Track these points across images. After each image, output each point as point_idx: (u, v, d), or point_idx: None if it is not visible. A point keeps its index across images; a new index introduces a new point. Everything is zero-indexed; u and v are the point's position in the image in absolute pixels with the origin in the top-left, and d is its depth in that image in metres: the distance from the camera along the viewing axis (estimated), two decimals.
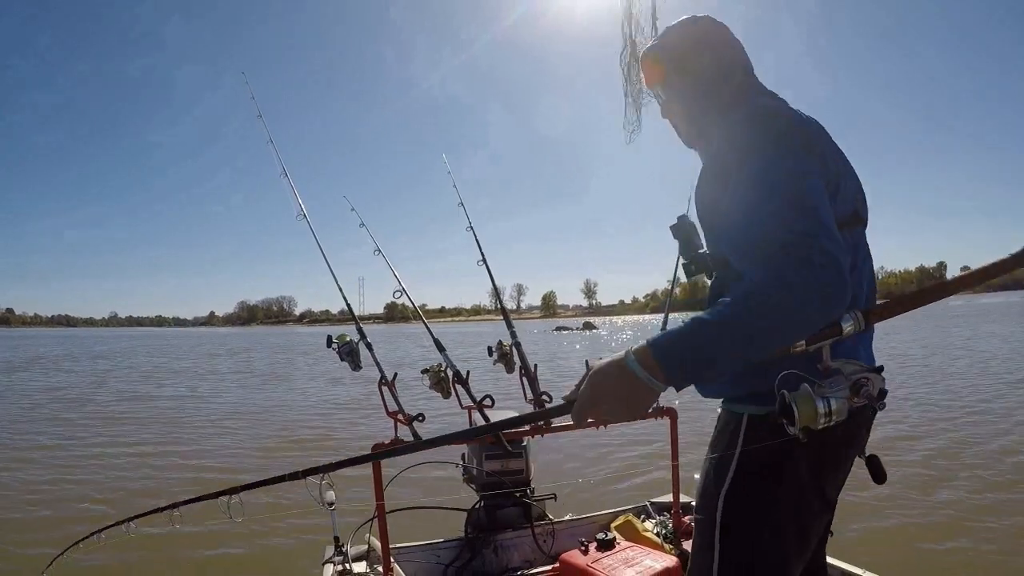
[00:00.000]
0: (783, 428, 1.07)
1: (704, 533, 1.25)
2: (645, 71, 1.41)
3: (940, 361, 15.45)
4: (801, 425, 0.98)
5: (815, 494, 1.23)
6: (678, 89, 1.35)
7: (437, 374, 2.54)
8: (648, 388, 0.95)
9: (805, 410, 0.98)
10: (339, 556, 2.52)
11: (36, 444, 8.05)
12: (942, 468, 6.06)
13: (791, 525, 1.21)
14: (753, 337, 0.95)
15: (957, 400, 9.70)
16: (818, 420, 0.98)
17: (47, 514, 5.10)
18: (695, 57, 1.32)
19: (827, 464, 1.23)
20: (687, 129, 1.38)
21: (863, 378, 1.01)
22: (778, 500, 1.19)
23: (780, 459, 1.18)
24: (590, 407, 1.00)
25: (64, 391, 14.54)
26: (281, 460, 6.88)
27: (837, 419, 0.98)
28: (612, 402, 0.98)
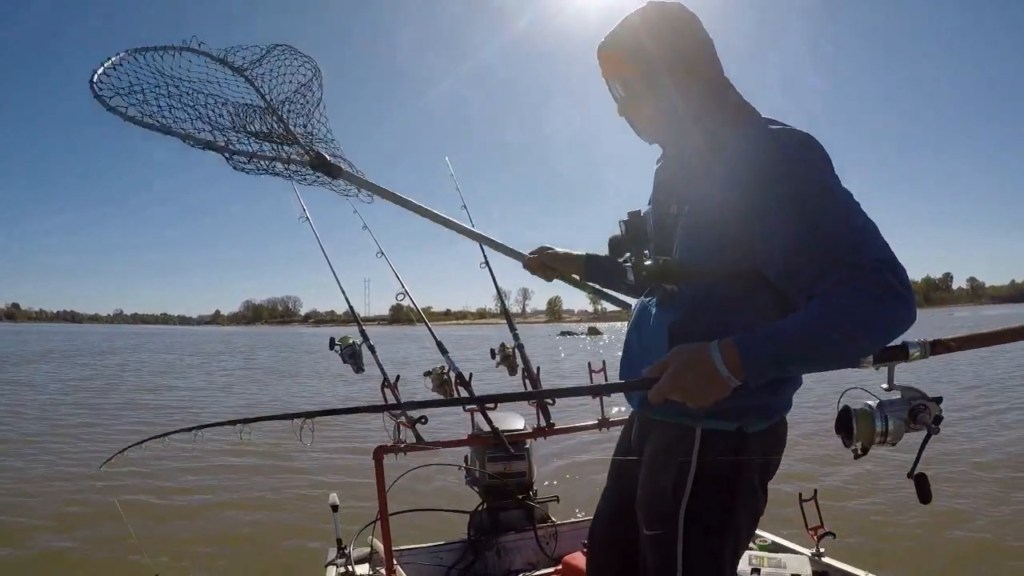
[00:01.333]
0: (741, 440, 1.20)
1: (662, 550, 1.25)
2: (607, 62, 1.31)
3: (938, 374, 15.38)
4: (857, 442, 1.04)
5: (763, 499, 1.28)
6: (671, 82, 1.23)
7: (440, 376, 2.55)
8: (725, 382, 1.02)
9: (864, 427, 1.03)
10: (342, 558, 2.52)
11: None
12: (943, 471, 6.03)
13: (746, 531, 1.27)
14: (830, 353, 1.02)
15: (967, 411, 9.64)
16: (875, 438, 1.03)
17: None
18: (665, 44, 1.23)
19: (771, 471, 1.29)
20: (672, 129, 1.29)
21: (921, 404, 1.03)
22: (736, 509, 1.23)
23: (736, 470, 1.21)
24: (669, 391, 1.04)
25: (87, 381, 14.64)
26: (283, 458, 6.89)
27: (892, 441, 1.03)
28: (692, 389, 1.03)
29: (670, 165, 1.34)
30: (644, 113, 1.31)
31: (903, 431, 1.03)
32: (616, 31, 1.28)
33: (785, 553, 2.34)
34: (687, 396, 1.04)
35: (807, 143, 1.10)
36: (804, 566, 2.20)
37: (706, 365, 1.02)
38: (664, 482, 1.25)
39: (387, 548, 2.29)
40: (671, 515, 1.23)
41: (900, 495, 5.33)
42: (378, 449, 2.32)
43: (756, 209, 1.08)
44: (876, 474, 6.06)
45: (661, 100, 1.25)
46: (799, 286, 1.04)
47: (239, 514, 5.07)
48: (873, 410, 1.03)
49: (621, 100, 1.33)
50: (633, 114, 1.33)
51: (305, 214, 2.59)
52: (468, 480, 2.86)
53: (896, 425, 1.03)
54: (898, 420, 1.03)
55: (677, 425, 1.25)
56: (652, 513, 1.27)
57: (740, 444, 1.21)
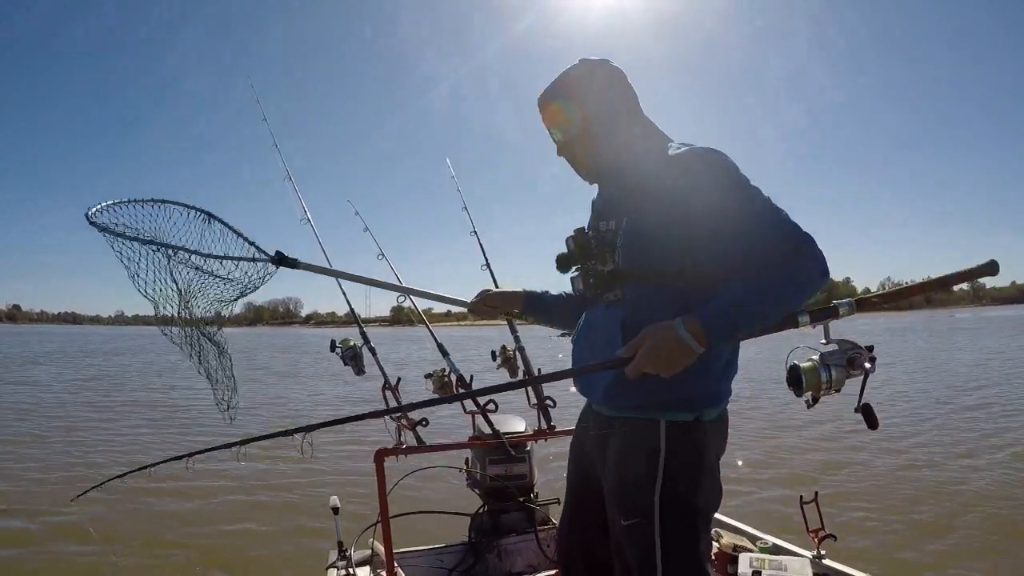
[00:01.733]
0: (699, 428, 1.39)
1: (640, 537, 1.37)
2: (549, 112, 1.51)
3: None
4: (807, 392, 1.21)
5: (719, 474, 1.46)
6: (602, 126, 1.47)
7: (441, 378, 2.55)
8: (691, 349, 1.22)
9: (811, 378, 1.21)
10: (342, 561, 2.52)
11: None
12: (935, 472, 6.03)
13: (713, 508, 1.44)
14: (772, 311, 1.25)
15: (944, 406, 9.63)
16: (821, 387, 1.21)
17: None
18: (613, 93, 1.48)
19: (722, 449, 1.49)
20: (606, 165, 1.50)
21: (856, 352, 1.21)
22: (703, 490, 1.40)
23: (699, 455, 1.40)
24: (645, 364, 1.23)
25: (98, 381, 14.66)
26: (283, 460, 6.90)
27: (836, 388, 1.21)
28: (664, 359, 1.22)
29: (607, 193, 1.54)
30: (584, 156, 1.51)
31: (844, 377, 1.21)
32: (556, 85, 1.50)
33: (786, 555, 2.34)
34: (660, 366, 1.23)
35: (723, 156, 1.33)
36: (805, 568, 2.19)
37: (673, 337, 1.21)
38: (636, 474, 1.39)
39: (388, 550, 2.29)
40: (647, 503, 1.36)
41: (900, 496, 5.34)
42: (379, 451, 2.32)
43: (703, 212, 1.29)
44: (876, 475, 6.07)
45: (598, 140, 1.48)
46: (745, 264, 1.25)
47: (240, 516, 5.07)
48: (816, 363, 1.22)
49: (561, 144, 1.53)
50: (572, 155, 1.53)
51: (306, 215, 2.59)
52: (469, 482, 2.86)
53: (838, 373, 1.21)
54: (839, 368, 1.21)
55: (642, 421, 1.39)
56: (627, 505, 1.40)
57: (699, 431, 1.40)
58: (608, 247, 1.45)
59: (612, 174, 1.50)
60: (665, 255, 1.37)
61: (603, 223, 1.48)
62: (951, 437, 7.76)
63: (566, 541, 1.68)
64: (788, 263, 1.22)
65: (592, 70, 1.48)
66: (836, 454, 7.11)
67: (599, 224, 1.50)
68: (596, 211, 1.57)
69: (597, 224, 1.51)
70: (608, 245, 1.45)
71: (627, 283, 1.42)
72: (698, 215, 1.30)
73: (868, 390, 1.24)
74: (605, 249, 1.46)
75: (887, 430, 8.38)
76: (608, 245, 1.45)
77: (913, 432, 8.16)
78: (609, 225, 1.46)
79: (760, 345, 2.48)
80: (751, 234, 1.25)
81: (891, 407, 10.17)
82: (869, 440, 7.71)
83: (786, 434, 8.26)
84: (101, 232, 1.44)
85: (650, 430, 1.38)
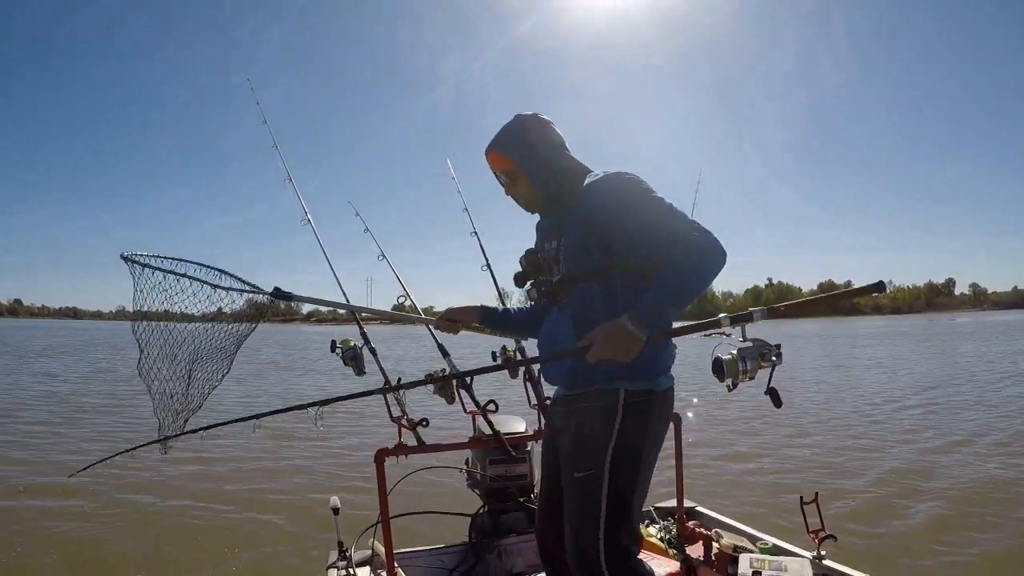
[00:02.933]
0: (649, 397, 1.70)
1: (590, 486, 1.66)
2: (502, 163, 1.80)
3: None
4: (728, 378, 1.53)
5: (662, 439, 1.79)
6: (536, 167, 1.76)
7: (441, 378, 2.55)
8: (637, 337, 1.53)
9: (731, 368, 1.52)
10: (343, 561, 2.52)
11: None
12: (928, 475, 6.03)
13: (652, 464, 1.75)
14: (691, 292, 1.58)
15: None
16: (739, 375, 1.52)
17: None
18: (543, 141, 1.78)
19: (668, 418, 1.80)
20: (542, 197, 1.81)
21: (766, 348, 1.53)
22: (647, 448, 1.71)
23: (649, 418, 1.71)
24: (601, 352, 1.54)
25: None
26: (284, 460, 6.91)
27: (751, 375, 1.53)
28: (617, 347, 1.53)
29: (546, 220, 1.86)
30: (525, 192, 1.82)
31: (757, 368, 1.53)
32: (498, 138, 1.80)
33: (786, 556, 2.34)
34: (615, 353, 1.54)
35: (633, 176, 1.67)
36: (805, 569, 2.20)
37: (621, 329, 1.53)
38: (593, 433, 1.68)
39: (388, 551, 2.30)
40: (600, 458, 1.66)
41: (901, 497, 5.34)
42: (379, 452, 2.32)
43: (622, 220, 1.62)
44: (877, 475, 6.07)
45: (535, 179, 1.78)
46: (661, 258, 1.57)
47: (240, 517, 5.07)
48: (735, 356, 1.53)
49: (507, 186, 1.83)
50: (517, 194, 1.84)
51: (307, 216, 2.59)
52: (469, 483, 2.85)
53: (752, 364, 1.52)
54: (752, 360, 1.52)
55: (604, 391, 1.68)
56: (582, 459, 1.69)
57: (652, 399, 1.71)
58: (554, 261, 1.79)
59: (549, 204, 1.82)
60: (597, 258, 1.69)
61: (547, 244, 1.82)
62: (951, 438, 7.77)
63: (543, 529, 1.95)
64: (693, 250, 1.54)
65: (524, 123, 1.79)
66: (836, 452, 7.12)
67: (545, 245, 1.83)
68: (541, 235, 1.88)
69: (544, 245, 1.84)
70: (553, 260, 1.79)
71: (572, 286, 1.74)
72: (618, 223, 1.63)
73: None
74: (552, 264, 1.80)
75: (888, 430, 8.40)
76: (553, 260, 1.79)
77: (913, 432, 8.17)
78: (552, 245, 1.80)
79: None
80: (659, 231, 1.58)
81: (892, 408, 10.18)
82: (870, 440, 7.72)
83: (786, 434, 8.26)
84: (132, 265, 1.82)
85: (610, 397, 1.68)
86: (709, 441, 7.76)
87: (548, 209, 1.84)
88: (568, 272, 1.75)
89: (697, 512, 2.91)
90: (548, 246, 1.82)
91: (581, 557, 1.69)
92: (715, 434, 8.23)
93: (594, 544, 1.66)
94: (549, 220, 1.84)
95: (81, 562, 4.16)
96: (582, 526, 1.68)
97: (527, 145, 1.77)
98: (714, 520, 2.82)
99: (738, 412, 9.45)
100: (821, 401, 11.26)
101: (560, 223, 1.77)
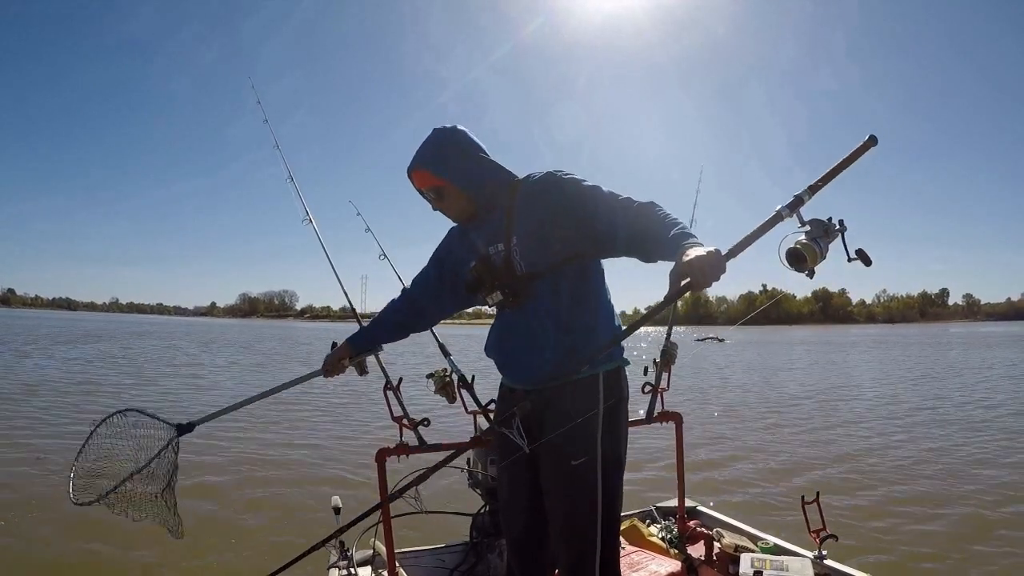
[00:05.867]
0: (619, 374, 1.82)
1: (585, 474, 1.72)
2: (427, 179, 1.81)
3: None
4: (812, 266, 1.45)
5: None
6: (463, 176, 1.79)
7: (442, 379, 2.54)
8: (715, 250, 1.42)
9: (811, 253, 1.45)
10: (344, 561, 2.51)
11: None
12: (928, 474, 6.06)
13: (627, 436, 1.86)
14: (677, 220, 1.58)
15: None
16: (818, 258, 1.45)
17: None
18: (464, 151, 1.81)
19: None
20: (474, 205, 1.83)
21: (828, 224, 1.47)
22: (624, 424, 1.83)
23: (622, 393, 1.82)
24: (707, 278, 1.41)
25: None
26: (284, 460, 6.89)
27: (824, 253, 1.46)
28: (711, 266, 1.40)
29: (484, 225, 1.85)
30: (455, 204, 1.84)
31: (828, 243, 1.47)
32: (421, 155, 1.81)
33: (787, 556, 2.35)
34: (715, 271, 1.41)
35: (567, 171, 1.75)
36: (806, 568, 2.20)
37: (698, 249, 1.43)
38: (584, 421, 1.72)
39: (389, 550, 2.30)
40: (591, 443, 1.73)
41: (901, 498, 5.36)
42: (380, 451, 2.31)
43: (571, 209, 1.69)
44: (878, 475, 6.10)
45: (466, 188, 1.80)
46: (611, 232, 1.65)
47: (240, 516, 5.06)
48: (807, 241, 1.46)
49: (434, 201, 1.86)
50: (446, 208, 1.87)
51: (308, 216, 2.57)
52: (470, 482, 2.85)
53: (823, 243, 1.47)
54: (823, 239, 1.47)
55: (586, 379, 1.75)
56: (576, 446, 1.72)
57: (621, 375, 1.83)
58: (507, 263, 1.79)
59: (483, 211, 1.84)
60: (555, 250, 1.73)
61: (492, 248, 1.83)
62: (951, 438, 7.81)
63: (503, 520, 2.04)
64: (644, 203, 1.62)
65: (444, 137, 1.82)
66: (836, 453, 7.15)
67: (488, 250, 1.84)
68: (480, 241, 1.88)
69: (486, 251, 1.84)
70: (507, 262, 1.79)
71: (535, 282, 1.76)
72: (567, 213, 1.69)
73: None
74: (507, 265, 1.79)
75: (887, 432, 8.44)
76: (507, 262, 1.79)
77: (913, 433, 8.21)
78: (499, 248, 1.81)
79: (753, 352, 2.52)
80: (609, 210, 1.65)
81: (890, 408, 10.22)
82: (869, 442, 7.75)
83: (787, 434, 8.29)
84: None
85: (592, 383, 1.75)
86: (709, 441, 7.79)
87: (484, 215, 1.85)
88: (529, 270, 1.76)
89: (698, 512, 2.92)
90: (494, 250, 1.82)
91: (577, 543, 1.75)
92: (715, 434, 8.26)
93: (592, 530, 1.74)
94: (488, 225, 1.84)
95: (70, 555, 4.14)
96: (578, 513, 1.74)
97: (451, 157, 1.79)
98: (715, 520, 2.83)
99: (738, 412, 9.50)
100: (821, 402, 11.33)
101: (503, 226, 1.79)
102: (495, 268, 1.82)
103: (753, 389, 12.25)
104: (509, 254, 1.78)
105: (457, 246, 1.99)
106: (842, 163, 1.52)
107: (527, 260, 1.77)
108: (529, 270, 1.76)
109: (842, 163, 1.52)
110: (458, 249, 1.98)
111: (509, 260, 1.79)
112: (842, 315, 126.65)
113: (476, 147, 1.83)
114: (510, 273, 1.79)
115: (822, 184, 1.51)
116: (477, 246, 1.89)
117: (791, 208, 1.49)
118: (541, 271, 1.75)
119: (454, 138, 1.82)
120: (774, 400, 11.62)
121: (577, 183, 1.71)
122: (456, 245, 2.00)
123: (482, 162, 1.82)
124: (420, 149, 1.82)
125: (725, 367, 19.40)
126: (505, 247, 1.79)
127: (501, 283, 1.80)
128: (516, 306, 1.80)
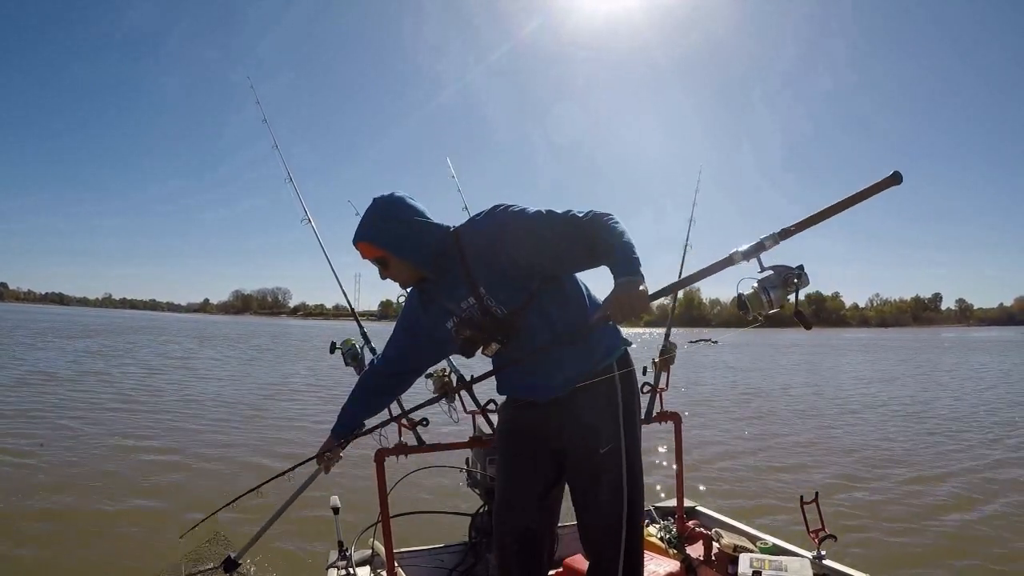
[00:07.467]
0: (627, 355, 1.91)
1: (612, 462, 1.83)
2: (369, 250, 1.84)
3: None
4: (754, 312, 1.47)
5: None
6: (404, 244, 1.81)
7: (441, 379, 2.53)
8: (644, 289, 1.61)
9: (754, 301, 1.46)
10: (343, 561, 2.51)
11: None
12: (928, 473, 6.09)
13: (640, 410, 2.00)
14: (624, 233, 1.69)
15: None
16: (764, 306, 1.46)
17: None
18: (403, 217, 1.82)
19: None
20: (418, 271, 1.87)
21: (789, 273, 1.45)
22: (637, 397, 1.96)
23: (632, 372, 1.92)
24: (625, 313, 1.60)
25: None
26: (284, 461, 6.87)
27: (779, 304, 1.46)
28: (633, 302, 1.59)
29: (444, 282, 1.87)
30: (399, 271, 1.87)
31: (783, 296, 1.44)
32: (363, 228, 1.82)
33: (786, 556, 2.35)
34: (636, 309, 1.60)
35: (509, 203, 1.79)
36: (805, 569, 2.21)
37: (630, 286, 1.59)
38: (604, 406, 1.84)
39: (388, 550, 2.29)
40: (615, 428, 1.84)
41: (901, 498, 5.39)
42: (379, 451, 2.31)
43: (529, 239, 1.73)
44: (877, 475, 6.12)
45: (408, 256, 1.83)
46: (572, 250, 1.73)
47: (241, 516, 5.03)
48: (756, 288, 1.46)
49: (381, 270, 1.88)
50: (395, 276, 1.89)
51: (307, 216, 2.56)
52: (469, 482, 2.84)
53: (776, 293, 1.44)
54: (776, 290, 1.44)
55: (603, 370, 1.84)
56: (603, 435, 1.82)
57: (629, 355, 1.94)
58: (487, 313, 1.83)
59: (438, 270, 1.86)
60: (525, 283, 1.80)
61: (464, 303, 1.86)
62: (950, 439, 7.85)
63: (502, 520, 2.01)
64: (590, 217, 1.70)
65: (383, 207, 1.83)
66: (836, 453, 7.18)
67: (460, 306, 1.87)
68: (449, 301, 1.90)
69: (458, 307, 1.87)
70: (485, 312, 1.83)
71: (520, 317, 1.82)
72: (522, 247, 1.74)
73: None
74: (486, 315, 1.83)
75: (887, 432, 8.47)
76: (485, 312, 1.83)
77: (912, 433, 8.25)
78: (470, 301, 1.84)
79: (746, 354, 2.51)
80: (561, 226, 1.71)
81: (889, 409, 10.27)
82: (868, 442, 7.78)
83: (786, 434, 8.32)
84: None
85: (607, 369, 1.85)
86: (709, 441, 7.80)
87: (441, 273, 1.87)
88: (509, 310, 1.82)
89: (697, 512, 2.92)
90: (466, 304, 1.86)
91: (608, 527, 1.85)
92: (715, 434, 8.27)
93: (619, 512, 1.84)
94: (448, 281, 1.87)
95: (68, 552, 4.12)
96: (611, 497, 1.84)
97: (389, 227, 1.81)
98: (714, 520, 2.83)
99: (738, 412, 9.53)
100: (820, 403, 11.37)
101: (465, 277, 1.82)
102: (480, 323, 1.85)
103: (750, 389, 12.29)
104: (484, 304, 1.83)
105: (422, 313, 2.00)
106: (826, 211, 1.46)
107: (504, 303, 1.82)
108: (510, 309, 1.82)
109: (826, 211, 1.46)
110: (424, 315, 1.99)
111: (487, 310, 1.83)
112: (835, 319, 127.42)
113: (412, 211, 1.84)
114: (494, 321, 1.83)
115: (795, 231, 1.47)
116: (448, 307, 1.91)
117: (747, 254, 1.47)
118: (521, 305, 1.81)
119: (391, 208, 1.84)
120: (773, 400, 11.65)
121: (521, 214, 1.76)
122: (421, 312, 2.01)
123: (419, 226, 1.83)
124: (362, 220, 1.85)
125: (719, 368, 19.52)
126: (476, 300, 1.83)
127: (491, 334, 1.84)
128: (513, 343, 1.85)
